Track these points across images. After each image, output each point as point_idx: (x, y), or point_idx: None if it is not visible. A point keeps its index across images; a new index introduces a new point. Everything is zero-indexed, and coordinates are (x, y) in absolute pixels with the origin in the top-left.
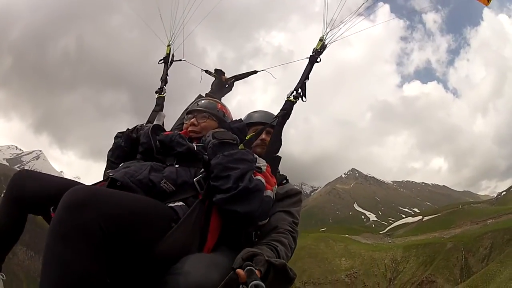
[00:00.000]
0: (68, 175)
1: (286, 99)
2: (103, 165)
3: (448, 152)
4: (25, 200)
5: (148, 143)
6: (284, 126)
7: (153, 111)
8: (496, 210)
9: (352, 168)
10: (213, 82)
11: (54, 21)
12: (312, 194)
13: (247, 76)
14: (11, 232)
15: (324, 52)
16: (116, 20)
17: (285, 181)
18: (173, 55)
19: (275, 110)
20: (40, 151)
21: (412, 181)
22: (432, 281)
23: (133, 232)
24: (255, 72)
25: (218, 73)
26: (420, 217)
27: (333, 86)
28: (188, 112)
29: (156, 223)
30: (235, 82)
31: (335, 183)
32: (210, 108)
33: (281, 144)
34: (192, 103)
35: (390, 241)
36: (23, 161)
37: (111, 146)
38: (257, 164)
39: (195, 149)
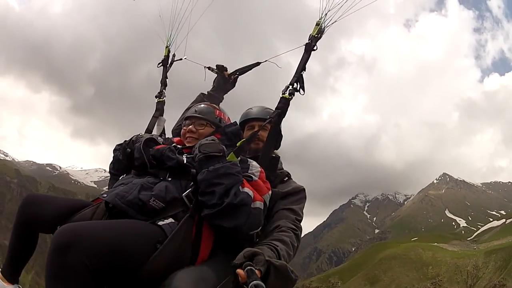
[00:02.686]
0: None
1: (281, 95)
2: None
3: None
4: (34, 223)
5: (141, 158)
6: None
7: (153, 116)
8: None
9: (444, 173)
10: (215, 79)
11: (132, 48)
12: (405, 202)
13: (250, 69)
14: (24, 251)
15: (322, 37)
16: (197, 41)
17: (286, 178)
18: (174, 55)
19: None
20: None
21: (500, 182)
22: (503, 284)
23: (117, 262)
24: (258, 64)
25: (220, 69)
26: (504, 220)
27: (418, 87)
28: (186, 118)
29: (140, 248)
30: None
31: (428, 190)
32: (208, 115)
33: (276, 143)
34: (192, 103)
35: (475, 247)
36: None
37: (112, 159)
38: (249, 171)
39: (185, 162)
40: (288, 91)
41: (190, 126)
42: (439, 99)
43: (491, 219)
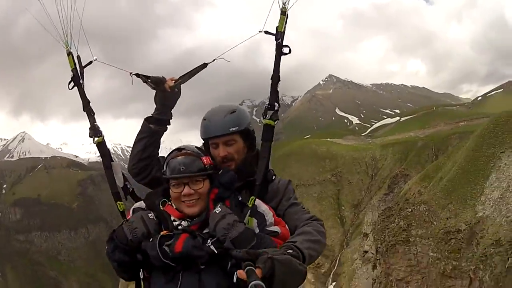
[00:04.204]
0: (55, 144)
1: (264, 122)
2: (86, 125)
3: (425, 55)
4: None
5: (163, 263)
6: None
7: (105, 169)
8: (470, 113)
9: (330, 74)
10: (155, 98)
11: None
12: (293, 104)
13: (197, 73)
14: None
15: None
16: None
17: (273, 177)
18: (79, 59)
19: None
20: (24, 132)
21: (391, 83)
22: (406, 174)
23: None
24: (204, 65)
25: (157, 83)
26: (398, 118)
27: None
28: (173, 177)
29: None
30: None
31: (315, 90)
32: (199, 170)
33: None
34: (138, 134)
35: (370, 141)
36: (11, 149)
37: (111, 262)
38: (267, 223)
39: (216, 252)
40: (271, 116)
41: (185, 190)
42: (322, 8)
43: (385, 117)
